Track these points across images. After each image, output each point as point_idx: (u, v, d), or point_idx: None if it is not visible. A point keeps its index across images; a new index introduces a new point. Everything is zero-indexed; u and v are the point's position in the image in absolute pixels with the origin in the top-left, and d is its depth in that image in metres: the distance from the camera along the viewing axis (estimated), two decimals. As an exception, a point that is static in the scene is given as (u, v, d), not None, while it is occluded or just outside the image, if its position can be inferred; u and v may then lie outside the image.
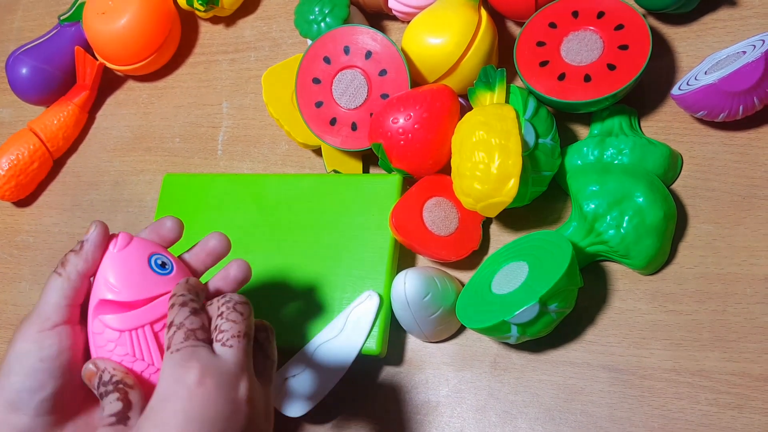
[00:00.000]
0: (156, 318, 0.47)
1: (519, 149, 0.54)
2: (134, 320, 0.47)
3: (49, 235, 0.79)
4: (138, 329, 0.47)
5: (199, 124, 0.77)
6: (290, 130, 0.67)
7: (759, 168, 0.57)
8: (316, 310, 0.61)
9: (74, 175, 0.81)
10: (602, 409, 0.55)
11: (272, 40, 0.78)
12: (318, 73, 0.65)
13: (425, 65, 0.63)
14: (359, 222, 0.63)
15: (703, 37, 0.62)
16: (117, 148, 0.80)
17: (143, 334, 0.47)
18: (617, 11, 0.59)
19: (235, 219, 0.67)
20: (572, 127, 0.63)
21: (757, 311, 0.54)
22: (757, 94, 0.54)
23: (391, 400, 0.61)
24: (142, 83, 0.82)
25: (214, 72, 0.79)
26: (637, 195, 0.55)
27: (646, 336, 0.56)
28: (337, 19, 0.66)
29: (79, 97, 0.80)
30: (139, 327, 0.47)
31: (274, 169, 0.72)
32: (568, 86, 0.58)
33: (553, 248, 0.55)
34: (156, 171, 0.77)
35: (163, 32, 0.77)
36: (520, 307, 0.51)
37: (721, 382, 0.53)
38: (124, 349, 0.46)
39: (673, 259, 0.57)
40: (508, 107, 0.57)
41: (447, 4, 0.63)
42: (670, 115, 0.61)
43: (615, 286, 0.58)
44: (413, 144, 0.59)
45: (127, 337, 0.47)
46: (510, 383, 0.58)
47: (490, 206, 0.56)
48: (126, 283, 0.47)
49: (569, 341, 0.58)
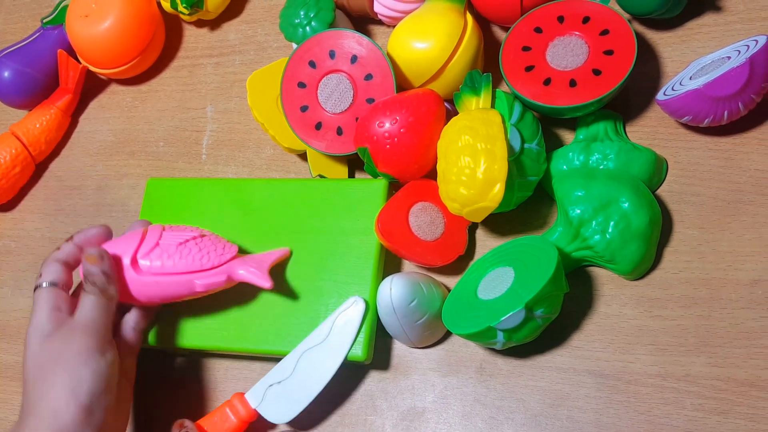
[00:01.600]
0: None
1: (505, 154, 0.54)
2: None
3: (31, 240, 0.78)
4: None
5: (183, 128, 0.77)
6: (275, 134, 0.66)
7: (744, 173, 0.58)
8: (302, 317, 0.61)
9: (57, 180, 0.80)
10: (588, 414, 0.55)
11: (257, 44, 0.77)
12: (303, 77, 0.64)
13: (411, 70, 0.63)
14: (345, 227, 0.63)
15: (687, 43, 0.63)
16: (100, 152, 0.79)
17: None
18: (602, 16, 0.59)
19: (220, 224, 0.66)
20: (558, 132, 0.63)
21: (742, 316, 0.54)
22: (741, 99, 0.54)
23: (377, 407, 0.60)
24: (126, 87, 0.82)
25: (198, 76, 0.79)
26: (622, 200, 0.55)
27: (631, 341, 0.56)
28: (323, 23, 0.66)
29: (61, 100, 0.79)
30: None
31: (258, 173, 0.72)
32: (554, 91, 0.58)
33: (538, 253, 0.55)
34: (140, 175, 0.76)
35: (146, 35, 0.77)
36: (506, 313, 0.51)
37: (707, 388, 0.53)
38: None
39: (659, 265, 0.57)
40: (494, 112, 0.56)
41: (433, 9, 0.63)
42: (655, 120, 0.61)
43: (601, 292, 0.58)
44: (399, 148, 0.59)
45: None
46: (496, 389, 0.58)
47: (476, 211, 0.56)
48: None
49: (555, 347, 0.58)
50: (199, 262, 0.58)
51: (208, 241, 0.60)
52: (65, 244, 0.60)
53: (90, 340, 0.54)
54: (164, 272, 0.58)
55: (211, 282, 0.59)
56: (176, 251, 0.58)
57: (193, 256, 0.59)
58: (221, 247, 0.60)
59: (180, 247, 0.59)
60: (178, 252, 0.58)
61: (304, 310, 0.61)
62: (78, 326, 0.55)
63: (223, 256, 0.59)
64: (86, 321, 0.55)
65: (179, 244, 0.59)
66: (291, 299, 0.62)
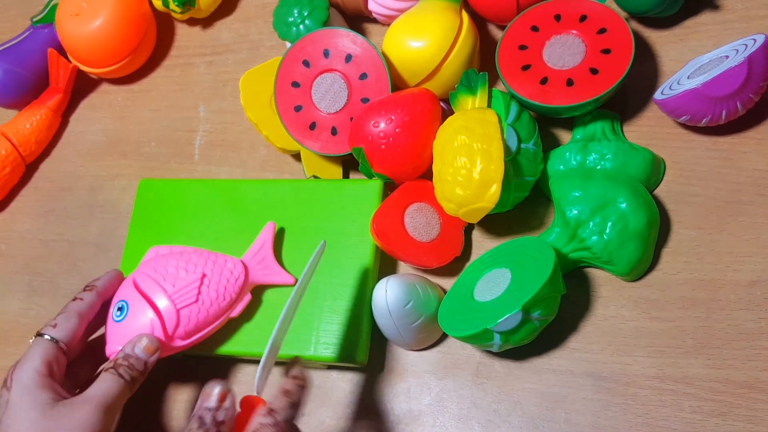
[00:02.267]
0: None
1: (501, 154, 0.54)
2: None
3: (21, 241, 0.77)
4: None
5: (175, 128, 0.76)
6: (269, 134, 0.66)
7: (742, 173, 0.57)
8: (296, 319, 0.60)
9: (47, 181, 0.79)
10: (586, 417, 0.55)
11: (250, 43, 0.77)
12: (297, 77, 0.64)
13: (406, 69, 0.62)
14: (339, 228, 0.62)
15: (685, 41, 0.62)
16: (91, 152, 0.78)
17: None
18: (600, 15, 0.59)
19: (213, 225, 0.66)
20: (555, 131, 0.63)
21: (740, 317, 0.54)
22: (740, 99, 0.54)
23: (372, 410, 0.60)
24: (117, 86, 0.81)
25: (190, 75, 0.78)
26: (620, 201, 0.55)
27: (629, 343, 0.56)
28: (317, 22, 0.65)
29: (52, 100, 0.78)
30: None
31: (252, 174, 0.71)
32: (551, 90, 0.57)
33: (535, 255, 0.54)
34: (131, 176, 0.75)
35: (138, 34, 0.76)
36: (502, 315, 0.51)
37: (705, 390, 0.53)
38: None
39: (657, 266, 0.57)
40: (490, 112, 0.56)
41: (428, 7, 0.62)
42: (653, 120, 0.61)
43: (598, 293, 0.58)
44: (394, 148, 0.59)
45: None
46: (493, 392, 0.57)
47: (473, 212, 0.55)
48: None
49: (552, 349, 0.57)
50: (224, 302, 0.59)
51: (214, 273, 0.59)
52: (87, 295, 0.58)
53: (101, 420, 0.51)
54: (200, 333, 0.58)
55: (242, 308, 0.60)
56: (199, 308, 0.58)
57: (217, 303, 0.58)
58: (227, 270, 0.60)
59: (200, 304, 0.58)
60: (202, 309, 0.58)
61: (298, 312, 0.60)
62: (93, 401, 0.52)
63: (237, 279, 0.60)
64: (103, 398, 0.52)
65: (194, 302, 0.58)
66: (284, 301, 0.61)
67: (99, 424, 0.51)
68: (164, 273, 0.58)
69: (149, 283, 0.58)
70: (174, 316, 0.57)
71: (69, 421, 0.50)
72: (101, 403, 0.51)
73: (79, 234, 0.75)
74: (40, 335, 0.55)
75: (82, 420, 0.50)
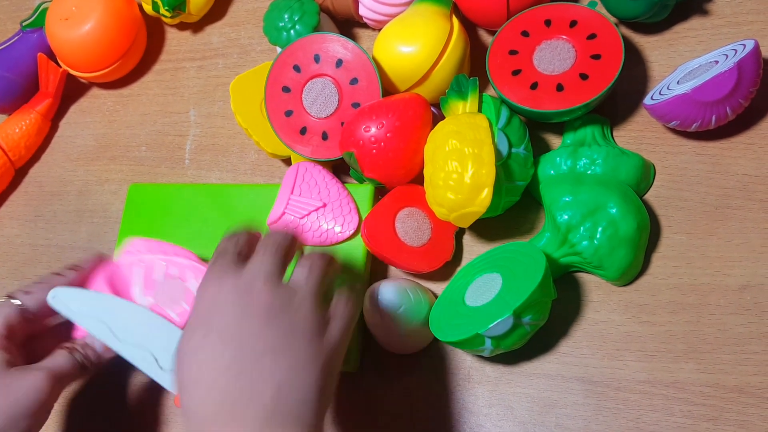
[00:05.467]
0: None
1: (492, 159, 0.54)
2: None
3: (10, 246, 0.77)
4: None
5: (165, 132, 0.76)
6: (259, 139, 0.65)
7: (731, 178, 0.57)
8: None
9: (37, 185, 0.79)
10: (577, 421, 0.55)
11: (241, 47, 0.77)
12: (288, 82, 0.63)
13: (397, 74, 0.62)
14: (330, 233, 0.62)
15: (675, 47, 0.62)
16: (81, 157, 0.78)
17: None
18: (590, 20, 0.59)
19: (203, 230, 0.65)
20: (545, 136, 0.63)
21: (730, 322, 0.54)
22: (729, 104, 0.54)
23: (362, 415, 0.59)
24: (107, 91, 0.80)
25: (181, 79, 0.78)
26: (610, 206, 0.55)
27: (620, 347, 0.56)
28: (307, 27, 0.65)
29: (41, 104, 0.78)
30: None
31: (242, 179, 0.71)
32: (541, 95, 0.57)
33: (526, 259, 0.54)
34: (121, 181, 0.75)
35: (128, 39, 0.76)
36: (494, 320, 0.51)
37: (696, 394, 0.53)
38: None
39: (647, 270, 0.57)
40: (481, 116, 0.56)
41: (418, 12, 0.62)
42: (643, 125, 0.61)
43: (589, 298, 0.58)
44: (386, 153, 0.59)
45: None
46: (484, 396, 0.57)
47: (464, 216, 0.55)
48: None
49: (543, 353, 0.57)
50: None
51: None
52: (69, 273, 0.59)
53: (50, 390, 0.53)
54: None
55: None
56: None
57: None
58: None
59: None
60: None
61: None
62: (45, 370, 0.54)
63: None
64: (55, 370, 0.54)
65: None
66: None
67: (46, 392, 0.53)
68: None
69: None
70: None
71: (18, 384, 0.52)
72: (53, 374, 0.53)
73: (69, 239, 0.74)
74: (11, 298, 0.56)
75: (31, 386, 0.52)
